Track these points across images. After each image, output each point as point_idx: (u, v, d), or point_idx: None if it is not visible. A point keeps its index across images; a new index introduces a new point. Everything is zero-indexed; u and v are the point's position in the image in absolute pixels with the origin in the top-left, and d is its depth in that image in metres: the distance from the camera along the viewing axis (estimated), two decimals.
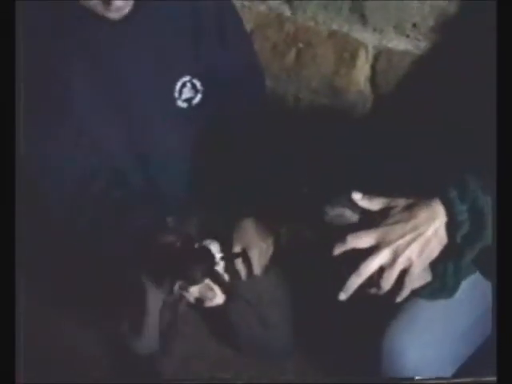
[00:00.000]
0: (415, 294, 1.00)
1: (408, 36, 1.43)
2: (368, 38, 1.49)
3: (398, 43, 1.45)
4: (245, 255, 1.30)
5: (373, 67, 1.51)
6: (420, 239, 0.93)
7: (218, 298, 1.23)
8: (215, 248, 1.22)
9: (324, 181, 1.56)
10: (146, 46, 1.24)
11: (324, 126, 1.61)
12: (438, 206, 0.94)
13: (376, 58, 1.50)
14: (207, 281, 1.19)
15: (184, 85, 1.29)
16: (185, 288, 1.19)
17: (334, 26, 1.52)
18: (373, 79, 1.52)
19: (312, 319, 1.47)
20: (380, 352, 1.14)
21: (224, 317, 1.52)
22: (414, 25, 1.41)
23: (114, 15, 1.15)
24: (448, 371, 1.15)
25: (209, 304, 1.23)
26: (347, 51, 1.52)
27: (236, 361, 1.61)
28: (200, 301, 1.23)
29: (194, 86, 1.31)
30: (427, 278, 1.01)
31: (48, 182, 1.24)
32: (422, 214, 0.94)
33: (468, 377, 1.00)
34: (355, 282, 0.94)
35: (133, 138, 1.29)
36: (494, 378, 0.86)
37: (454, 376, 1.07)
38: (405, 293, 0.97)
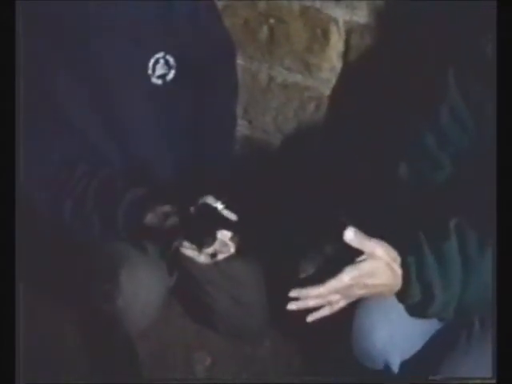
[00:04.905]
0: None
1: (380, 12, 1.42)
2: (340, 14, 1.47)
3: (370, 19, 1.44)
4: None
5: (346, 43, 1.50)
6: (374, 294, 0.98)
7: (231, 249, 1.24)
8: (212, 200, 1.22)
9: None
10: (119, 24, 1.23)
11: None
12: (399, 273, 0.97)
13: (348, 33, 1.49)
14: (219, 235, 1.19)
15: (157, 61, 1.29)
16: (200, 250, 1.20)
17: (307, 3, 1.50)
18: (345, 55, 1.52)
19: (285, 299, 1.47)
20: (350, 328, 1.17)
21: (200, 298, 1.53)
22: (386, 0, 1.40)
23: None
24: (417, 344, 1.18)
25: (222, 256, 1.24)
26: (319, 27, 1.51)
27: (213, 340, 1.62)
28: (214, 255, 1.23)
29: (167, 62, 1.30)
30: None
31: (29, 167, 1.21)
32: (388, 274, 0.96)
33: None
34: (312, 293, 0.97)
35: (108, 115, 1.28)
36: (493, 378, 0.89)
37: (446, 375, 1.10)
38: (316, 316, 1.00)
